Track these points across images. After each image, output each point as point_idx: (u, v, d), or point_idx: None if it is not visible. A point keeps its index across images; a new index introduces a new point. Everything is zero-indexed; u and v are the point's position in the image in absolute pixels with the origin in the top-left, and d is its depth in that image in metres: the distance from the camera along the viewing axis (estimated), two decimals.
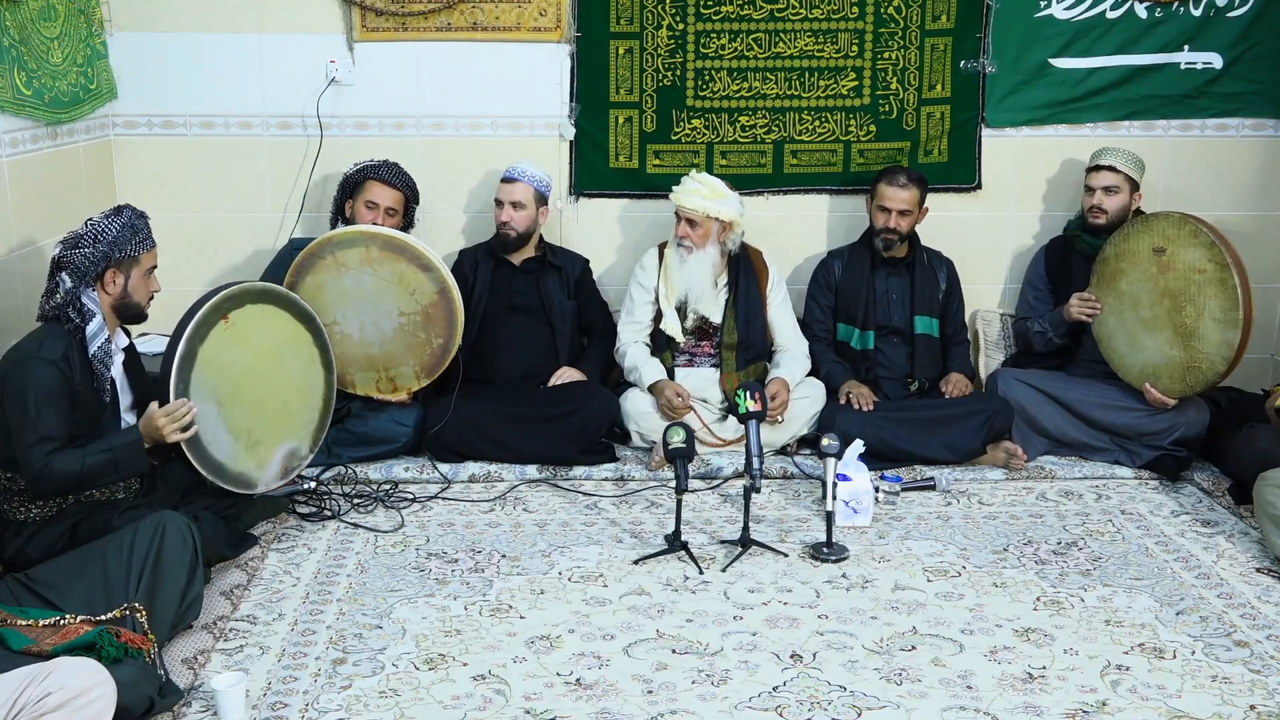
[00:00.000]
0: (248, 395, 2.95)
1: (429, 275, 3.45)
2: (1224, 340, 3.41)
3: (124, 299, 2.70)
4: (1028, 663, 2.50)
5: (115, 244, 2.63)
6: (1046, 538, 3.17)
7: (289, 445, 3.05)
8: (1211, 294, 3.42)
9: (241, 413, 2.92)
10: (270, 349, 3.06)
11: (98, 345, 2.61)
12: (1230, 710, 2.32)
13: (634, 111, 4.02)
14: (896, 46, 4.00)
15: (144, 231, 2.72)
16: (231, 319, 2.93)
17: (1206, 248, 3.43)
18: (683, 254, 3.69)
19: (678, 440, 3.01)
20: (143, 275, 2.73)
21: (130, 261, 2.68)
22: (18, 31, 3.22)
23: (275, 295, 3.12)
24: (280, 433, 3.04)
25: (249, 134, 3.96)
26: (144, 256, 2.71)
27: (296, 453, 3.03)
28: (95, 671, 1.98)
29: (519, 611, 2.72)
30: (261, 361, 3.02)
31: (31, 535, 2.61)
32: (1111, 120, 4.10)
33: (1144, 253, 3.57)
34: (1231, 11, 3.99)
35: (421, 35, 3.91)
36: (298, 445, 3.06)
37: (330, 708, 2.31)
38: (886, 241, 3.79)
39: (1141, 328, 3.59)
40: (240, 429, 2.90)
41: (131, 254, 2.67)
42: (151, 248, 2.75)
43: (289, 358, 3.12)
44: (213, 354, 2.84)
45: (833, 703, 2.34)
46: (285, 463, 3.04)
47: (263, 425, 2.99)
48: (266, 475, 2.98)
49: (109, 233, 2.64)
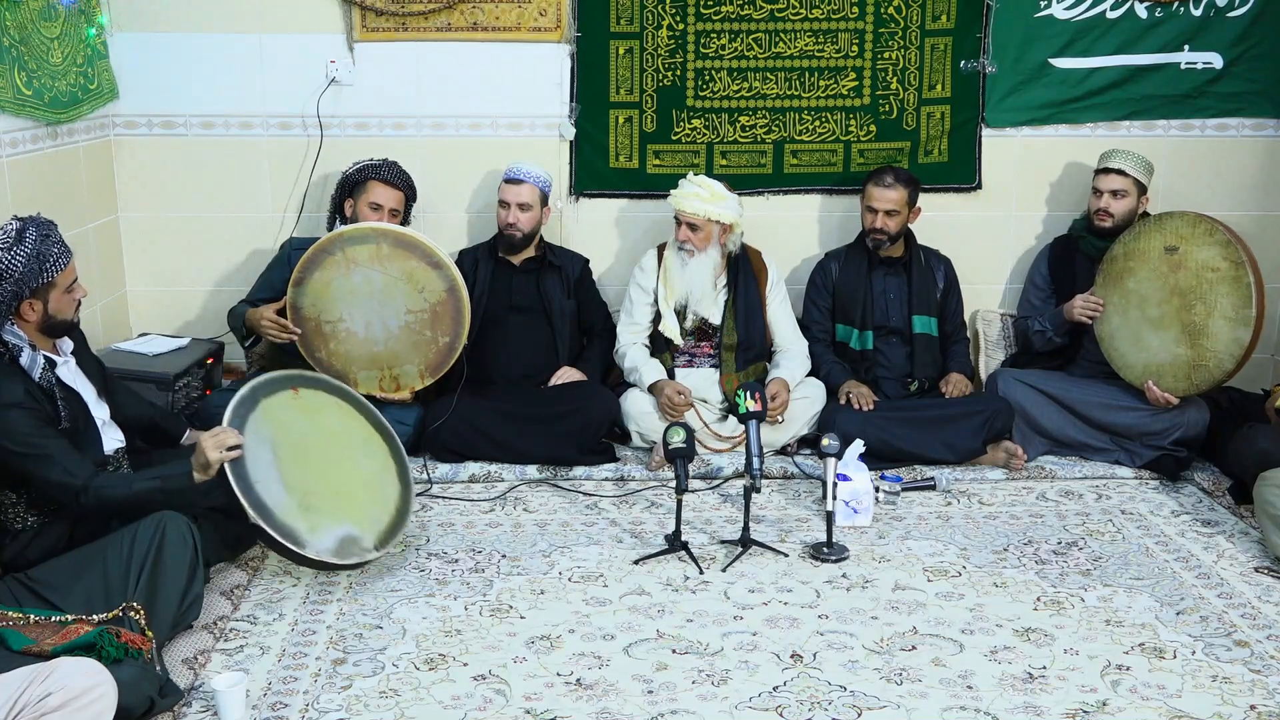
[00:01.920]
0: (307, 460, 2.84)
1: (439, 273, 3.45)
2: (1234, 338, 3.41)
3: (48, 321, 2.56)
4: (1028, 663, 2.50)
5: (22, 280, 2.45)
6: (1047, 538, 3.17)
7: (350, 530, 2.79)
8: (1224, 292, 3.42)
9: (298, 473, 2.78)
10: (339, 436, 2.99)
11: (38, 374, 2.54)
12: (1230, 710, 2.32)
13: (634, 111, 4.02)
14: (896, 46, 4.00)
15: (53, 254, 2.50)
16: (301, 393, 2.95)
17: (1222, 246, 3.43)
18: (684, 257, 3.69)
19: (678, 440, 3.01)
20: (62, 294, 2.56)
21: (45, 288, 2.51)
22: (18, 31, 3.22)
23: (353, 399, 3.11)
24: (341, 513, 2.81)
25: (249, 134, 3.96)
26: (59, 278, 2.53)
27: (358, 542, 2.77)
28: (96, 671, 1.98)
29: (519, 611, 2.72)
30: (327, 441, 2.95)
31: (31, 538, 2.61)
32: (1112, 120, 4.10)
33: (1155, 251, 3.56)
34: (1232, 11, 3.99)
35: (422, 35, 3.91)
36: (360, 535, 2.80)
37: (330, 708, 2.31)
38: (875, 242, 3.80)
39: (1147, 326, 3.59)
40: (295, 486, 2.74)
41: (45, 281, 2.49)
42: (66, 265, 2.54)
43: (360, 455, 3.00)
44: (275, 408, 2.83)
45: (833, 703, 2.34)
46: (343, 544, 2.76)
47: (321, 496, 2.80)
48: (318, 544, 2.71)
49: (15, 268, 2.43)
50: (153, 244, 4.02)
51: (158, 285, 4.06)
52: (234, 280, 4.01)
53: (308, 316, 3.46)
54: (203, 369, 3.67)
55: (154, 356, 3.60)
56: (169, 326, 4.00)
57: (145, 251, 4.02)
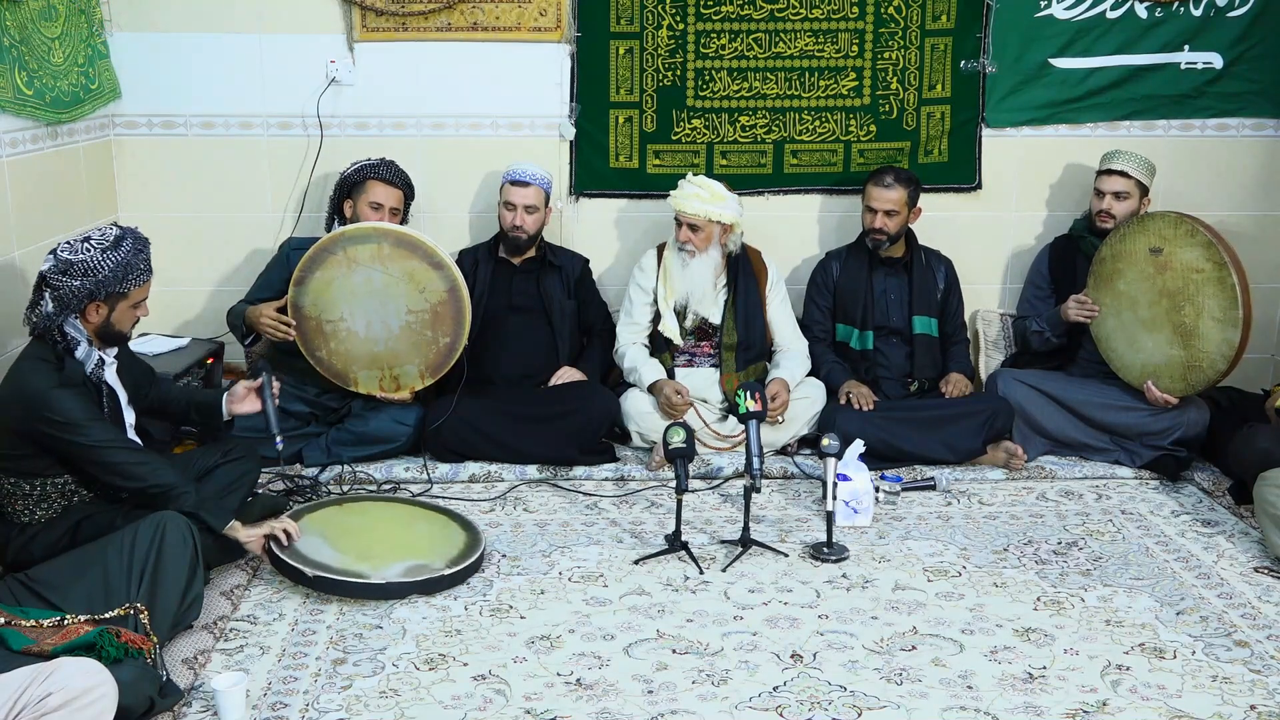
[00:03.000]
0: (360, 535, 2.94)
1: (440, 273, 3.45)
2: (1224, 339, 3.41)
3: (106, 328, 2.63)
4: (1028, 663, 2.50)
5: (104, 283, 2.54)
6: (1047, 538, 3.17)
7: (416, 561, 2.83)
8: (1210, 293, 3.42)
9: (352, 543, 2.87)
10: (390, 517, 3.09)
11: (90, 368, 2.62)
12: (1230, 710, 2.32)
13: (634, 111, 4.02)
14: (897, 46, 4.00)
15: (139, 268, 2.61)
16: (346, 507, 3.11)
17: (1204, 247, 3.43)
18: (685, 258, 3.69)
19: (678, 440, 3.01)
20: (129, 307, 2.64)
21: (118, 297, 2.59)
22: (18, 31, 3.22)
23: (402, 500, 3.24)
24: (403, 553, 2.87)
25: (249, 134, 3.96)
26: (134, 292, 2.62)
27: (427, 566, 2.81)
28: (96, 671, 1.98)
29: (519, 611, 2.72)
30: (377, 521, 3.05)
31: (35, 534, 2.62)
32: (1112, 120, 4.10)
33: (1141, 253, 3.57)
34: (1231, 11, 3.99)
35: (422, 35, 3.91)
36: (428, 562, 2.83)
37: (330, 707, 2.31)
38: (875, 242, 3.80)
39: (1140, 328, 3.59)
40: (349, 550, 2.84)
41: (120, 290, 2.58)
42: (144, 282, 2.64)
43: (416, 520, 3.07)
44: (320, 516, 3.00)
45: (833, 703, 2.34)
46: (411, 570, 2.79)
47: (379, 550, 2.87)
48: (384, 573, 2.76)
49: (101, 269, 2.53)
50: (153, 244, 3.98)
51: (158, 285, 3.93)
52: (234, 280, 4.00)
53: (309, 315, 3.47)
54: (203, 369, 3.67)
55: (154, 356, 3.59)
56: (169, 326, 4.00)
57: None
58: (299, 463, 3.53)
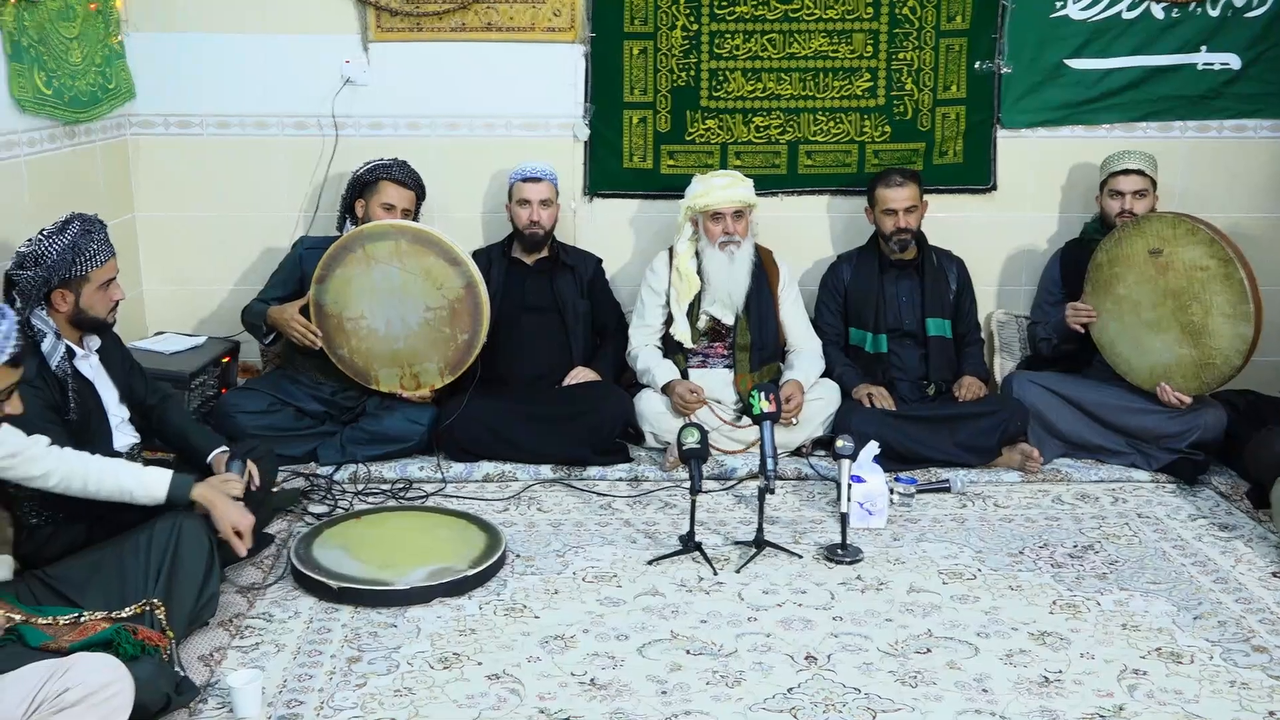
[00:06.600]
0: (380, 545, 2.94)
1: (457, 270, 3.46)
2: (1237, 334, 3.38)
3: (79, 315, 2.61)
4: (1044, 666, 2.49)
5: (54, 267, 2.52)
6: (1062, 541, 3.15)
7: (438, 565, 2.83)
8: (1217, 290, 3.40)
9: (372, 554, 2.89)
10: (410, 525, 3.10)
11: (55, 362, 2.56)
12: (1248, 716, 2.31)
13: (648, 112, 4.02)
14: (911, 47, 3.99)
15: (91, 249, 2.57)
16: (365, 519, 3.12)
17: (1206, 244, 3.40)
18: (731, 251, 3.68)
19: (692, 441, 3.01)
20: (96, 290, 2.61)
21: (79, 280, 2.57)
22: (37, 32, 3.24)
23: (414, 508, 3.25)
24: (425, 558, 2.87)
25: (265, 134, 3.98)
26: (95, 274, 2.58)
27: (450, 568, 2.81)
28: (113, 668, 1.99)
29: (533, 611, 2.72)
30: (397, 531, 3.06)
31: (49, 535, 2.62)
32: (1128, 121, 4.08)
33: (1140, 256, 3.54)
34: (1249, 12, 3.97)
35: (436, 35, 3.92)
36: (451, 564, 2.83)
37: (345, 705, 2.31)
38: (901, 242, 3.78)
39: (1145, 330, 3.57)
40: (370, 561, 2.85)
41: (78, 274, 2.55)
42: (104, 262, 2.61)
43: (436, 527, 3.07)
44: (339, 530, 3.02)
45: (847, 705, 2.33)
46: (435, 574, 2.79)
47: (400, 558, 2.87)
48: (409, 579, 2.76)
49: (49, 255, 2.52)
50: (169, 243, 4.04)
51: (174, 284, 4.08)
52: (250, 279, 4.02)
53: (330, 313, 3.48)
54: (219, 367, 3.69)
55: (170, 355, 3.61)
56: (185, 325, 4.02)
57: (161, 250, 4.04)
58: (313, 461, 3.54)
